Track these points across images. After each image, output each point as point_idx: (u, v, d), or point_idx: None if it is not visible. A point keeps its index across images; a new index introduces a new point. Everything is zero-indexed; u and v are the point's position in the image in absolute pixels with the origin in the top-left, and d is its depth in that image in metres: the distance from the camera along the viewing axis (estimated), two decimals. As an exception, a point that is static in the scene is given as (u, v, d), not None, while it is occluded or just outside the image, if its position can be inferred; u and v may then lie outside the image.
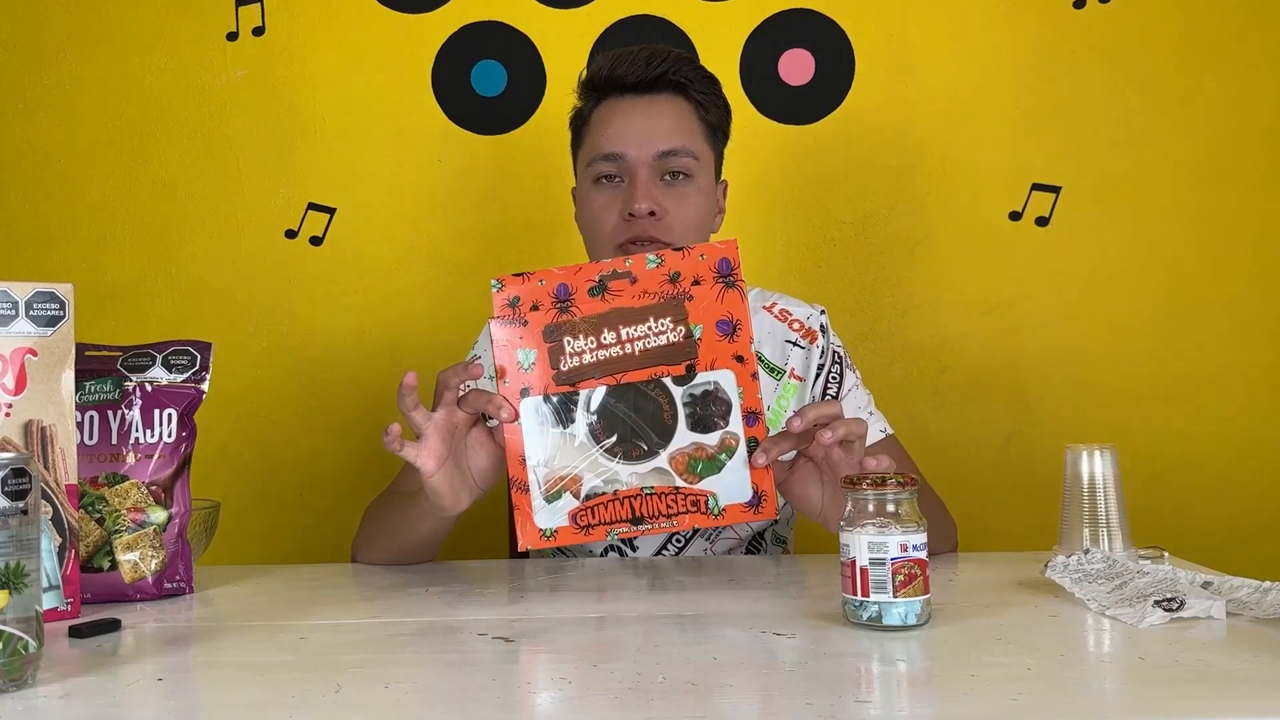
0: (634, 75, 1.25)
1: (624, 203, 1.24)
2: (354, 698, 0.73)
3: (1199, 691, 0.72)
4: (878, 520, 0.87)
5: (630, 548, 1.31)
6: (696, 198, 1.27)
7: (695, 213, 1.27)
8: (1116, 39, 1.81)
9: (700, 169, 1.27)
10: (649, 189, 1.24)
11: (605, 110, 1.28)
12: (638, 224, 1.24)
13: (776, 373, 1.33)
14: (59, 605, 0.98)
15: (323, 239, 1.84)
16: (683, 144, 1.25)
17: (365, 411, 1.83)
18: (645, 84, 1.26)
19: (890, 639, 0.85)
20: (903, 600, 0.85)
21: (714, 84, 1.31)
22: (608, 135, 1.26)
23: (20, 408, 0.98)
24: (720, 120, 1.31)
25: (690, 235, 1.26)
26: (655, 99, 1.26)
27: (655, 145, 1.24)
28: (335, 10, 1.83)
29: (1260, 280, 1.81)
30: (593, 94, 1.30)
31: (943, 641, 0.85)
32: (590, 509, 1.01)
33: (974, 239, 1.82)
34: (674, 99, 1.27)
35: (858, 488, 0.88)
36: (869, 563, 0.86)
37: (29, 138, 1.84)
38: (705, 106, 1.29)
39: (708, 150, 1.29)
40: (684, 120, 1.27)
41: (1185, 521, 1.79)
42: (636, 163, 1.24)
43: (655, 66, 1.25)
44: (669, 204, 1.25)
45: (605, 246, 1.27)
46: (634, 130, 1.25)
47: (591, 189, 1.28)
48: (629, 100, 1.27)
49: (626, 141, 1.25)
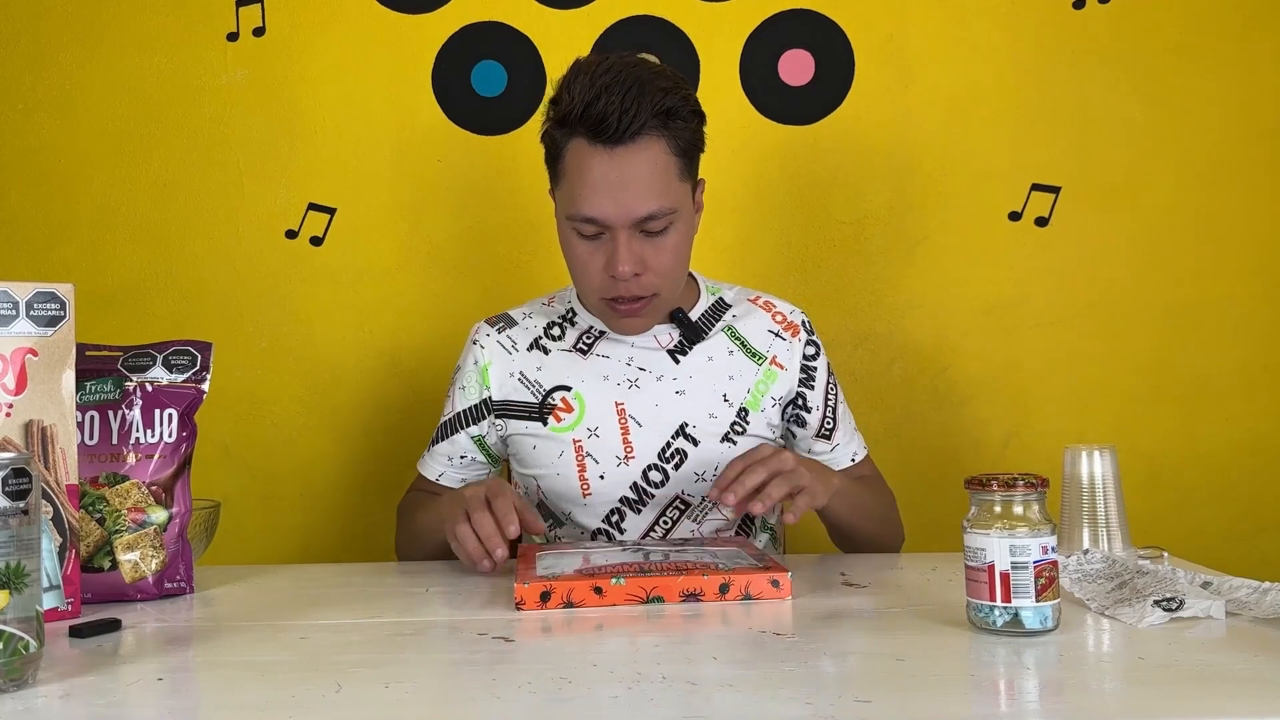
0: (610, 129, 1.19)
1: (606, 261, 1.24)
2: (354, 698, 0.73)
3: (1199, 691, 0.72)
4: (1004, 522, 0.84)
5: (619, 530, 1.34)
6: (675, 239, 1.26)
7: (674, 257, 1.27)
8: (1116, 39, 1.81)
9: (679, 215, 1.25)
10: (630, 249, 1.23)
11: (578, 156, 1.23)
12: (621, 285, 1.25)
13: (758, 358, 1.38)
14: (59, 605, 0.98)
15: (323, 239, 1.84)
16: (659, 205, 1.22)
17: (365, 411, 1.83)
18: (620, 137, 1.20)
19: (877, 638, 0.85)
20: (1045, 604, 0.83)
21: (686, 104, 1.24)
22: (585, 194, 1.22)
23: (21, 408, 0.98)
24: (695, 140, 1.27)
25: (670, 276, 1.28)
26: (630, 151, 1.21)
27: (634, 210, 1.21)
28: (335, 10, 1.83)
29: (1260, 280, 1.81)
30: (563, 127, 1.24)
31: (941, 641, 0.85)
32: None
33: (974, 239, 1.82)
34: (649, 143, 1.21)
35: (986, 489, 0.85)
36: (1011, 567, 0.83)
37: (29, 138, 1.84)
38: (679, 135, 1.24)
39: (684, 187, 1.27)
40: (659, 170, 1.22)
41: (1185, 521, 1.79)
42: (615, 225, 1.22)
43: (628, 121, 1.19)
44: (650, 257, 1.25)
45: (590, 294, 1.30)
46: (611, 194, 1.21)
47: (572, 235, 1.26)
48: (602, 154, 1.21)
49: (604, 206, 1.21)
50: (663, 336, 1.37)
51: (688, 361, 1.36)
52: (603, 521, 1.33)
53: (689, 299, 1.40)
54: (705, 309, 1.40)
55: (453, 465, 1.39)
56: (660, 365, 1.35)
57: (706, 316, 1.39)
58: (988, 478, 0.86)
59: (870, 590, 1.04)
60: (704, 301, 1.41)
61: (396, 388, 1.83)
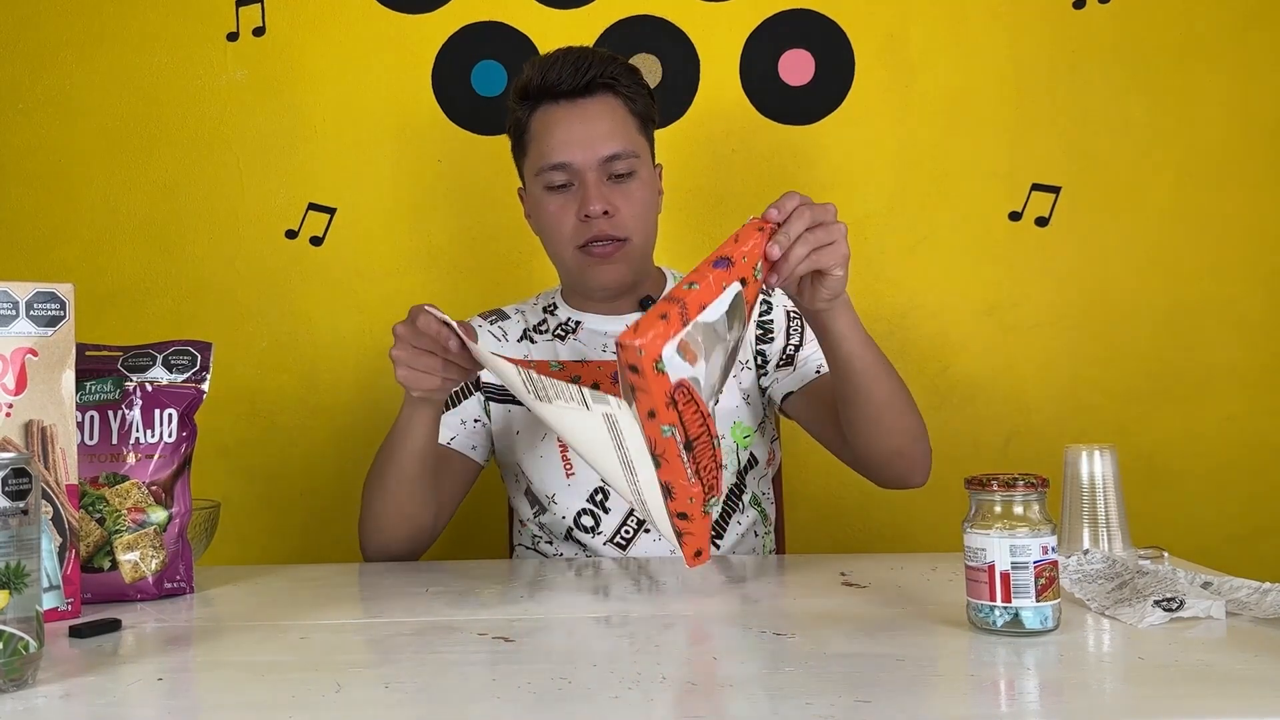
0: (565, 82, 1.32)
1: (579, 206, 1.33)
2: (354, 698, 0.73)
3: (1199, 691, 0.72)
4: (1005, 522, 0.84)
5: (603, 510, 1.34)
6: (641, 191, 1.36)
7: (642, 206, 1.36)
8: (1116, 39, 1.81)
9: (641, 163, 1.35)
10: (599, 190, 1.32)
11: (543, 118, 1.35)
12: (594, 224, 1.32)
13: None
14: (59, 605, 0.98)
15: (323, 239, 1.84)
16: (623, 146, 1.33)
17: (365, 412, 1.83)
18: (578, 89, 1.33)
19: (877, 638, 0.85)
20: (1045, 604, 0.83)
21: (636, 74, 1.38)
22: (553, 145, 1.33)
23: (20, 408, 0.98)
24: (647, 109, 1.39)
25: (640, 225, 1.36)
26: (589, 102, 1.33)
27: (598, 150, 1.32)
28: (335, 10, 1.83)
29: (1260, 280, 1.81)
30: (527, 102, 1.36)
31: (941, 641, 0.85)
32: None
33: (974, 239, 1.82)
34: (605, 99, 1.34)
35: (986, 489, 0.85)
36: (1011, 567, 0.83)
37: (29, 138, 1.84)
38: (633, 99, 1.36)
39: (643, 142, 1.38)
40: (619, 119, 1.34)
41: (1185, 521, 1.79)
42: (584, 168, 1.32)
43: (584, 72, 1.32)
44: (619, 202, 1.33)
45: (566, 247, 1.36)
46: (576, 137, 1.32)
47: (544, 195, 1.36)
48: (564, 108, 1.33)
49: (571, 150, 1.32)
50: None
51: None
52: (587, 501, 1.34)
53: (657, 289, 1.44)
54: None
55: (465, 428, 1.39)
56: None
57: None
58: (988, 478, 0.85)
59: (870, 590, 1.04)
60: (669, 289, 1.43)
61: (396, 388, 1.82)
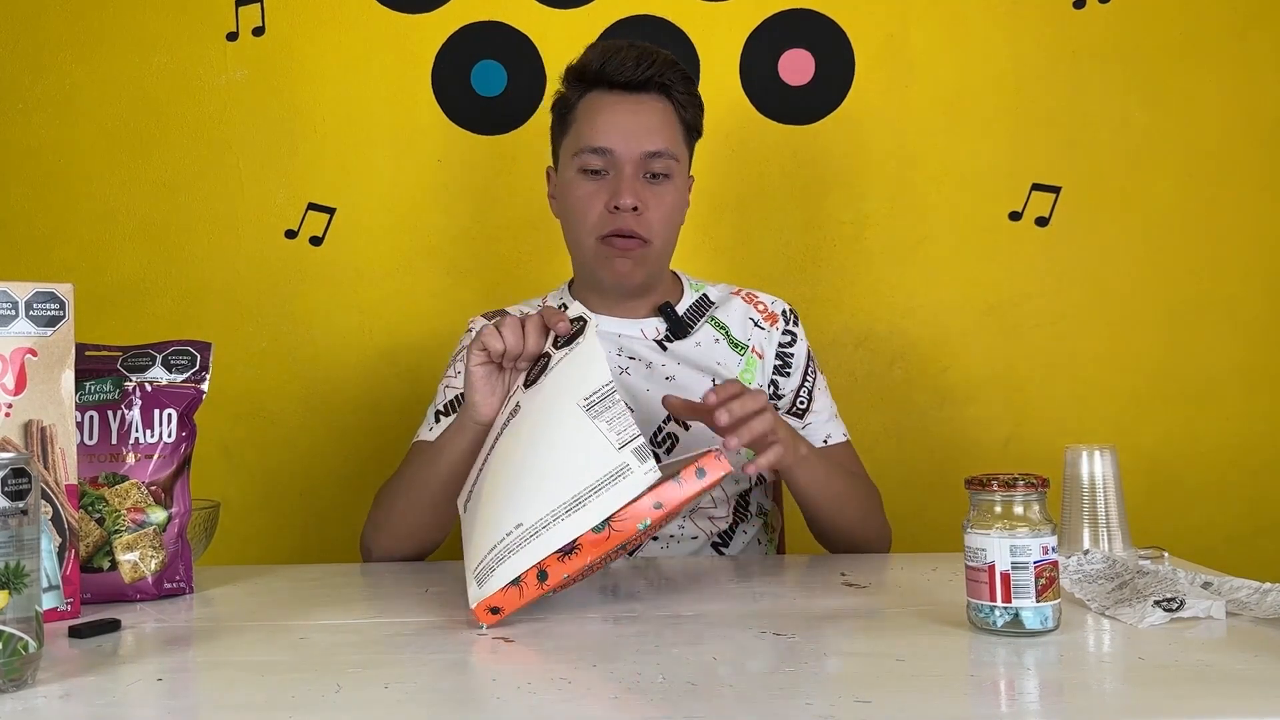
0: (624, 74, 1.31)
1: (610, 195, 1.31)
2: (354, 698, 0.73)
3: (1199, 691, 0.72)
4: (1005, 522, 0.84)
5: None
6: (673, 196, 1.35)
7: (670, 210, 1.35)
8: (1116, 39, 1.81)
9: (678, 169, 1.35)
10: (634, 185, 1.31)
11: (593, 102, 1.33)
12: (621, 218, 1.31)
13: (740, 348, 1.40)
14: (59, 605, 0.98)
15: (323, 239, 1.84)
16: (666, 146, 1.32)
17: (365, 411, 1.83)
18: (634, 84, 1.32)
19: (877, 638, 0.85)
20: (1046, 604, 0.83)
21: (692, 84, 1.38)
22: (597, 129, 1.32)
23: (20, 408, 0.98)
24: (695, 119, 1.38)
25: (664, 230, 1.34)
26: (642, 98, 1.33)
27: (642, 145, 1.31)
28: (335, 10, 1.83)
29: (1260, 280, 1.81)
30: (580, 84, 1.35)
31: (941, 641, 0.85)
32: None
33: (974, 239, 1.82)
34: (659, 100, 1.34)
35: (986, 489, 0.85)
36: (1011, 567, 0.83)
37: (29, 138, 1.84)
38: (685, 107, 1.36)
39: (685, 151, 1.38)
40: (668, 121, 1.34)
41: (1185, 521, 1.79)
42: (623, 159, 1.31)
43: (644, 69, 1.31)
44: (650, 201, 1.32)
45: (588, 234, 1.34)
46: (622, 127, 1.31)
47: (576, 177, 1.34)
48: (617, 96, 1.32)
49: (615, 137, 1.31)
50: (649, 330, 1.39)
51: (676, 349, 1.38)
52: None
53: (674, 295, 1.43)
54: (690, 304, 1.42)
55: None
56: (649, 354, 1.37)
57: (692, 312, 1.42)
58: (988, 478, 0.85)
59: (870, 590, 1.04)
60: (688, 298, 1.43)
61: (396, 388, 1.83)
